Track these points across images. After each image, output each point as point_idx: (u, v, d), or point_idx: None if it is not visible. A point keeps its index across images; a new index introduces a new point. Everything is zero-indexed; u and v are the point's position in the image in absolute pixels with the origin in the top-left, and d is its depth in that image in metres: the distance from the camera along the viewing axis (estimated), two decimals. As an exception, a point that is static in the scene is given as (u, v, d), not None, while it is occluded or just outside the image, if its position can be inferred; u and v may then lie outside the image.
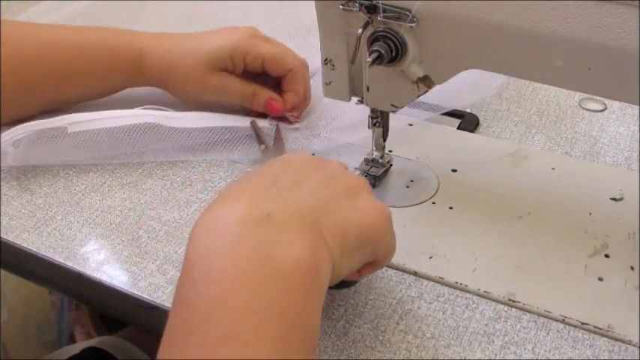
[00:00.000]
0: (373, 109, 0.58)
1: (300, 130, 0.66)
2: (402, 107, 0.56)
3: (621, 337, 0.47)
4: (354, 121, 0.66)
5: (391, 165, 0.62)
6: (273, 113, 0.65)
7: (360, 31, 0.50)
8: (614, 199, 0.59)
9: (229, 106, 0.67)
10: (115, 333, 0.83)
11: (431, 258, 0.53)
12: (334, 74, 0.56)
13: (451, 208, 0.58)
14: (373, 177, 0.61)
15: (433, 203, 0.59)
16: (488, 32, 0.47)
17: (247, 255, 0.36)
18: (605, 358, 0.46)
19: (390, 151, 0.63)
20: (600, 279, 0.51)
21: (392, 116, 0.59)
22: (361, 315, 0.49)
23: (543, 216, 0.57)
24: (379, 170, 0.61)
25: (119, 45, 0.65)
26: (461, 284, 0.51)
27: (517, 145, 0.66)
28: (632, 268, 0.52)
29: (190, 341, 0.34)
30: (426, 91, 0.54)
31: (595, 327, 0.48)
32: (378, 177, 0.61)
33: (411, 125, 0.68)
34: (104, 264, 0.54)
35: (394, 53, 0.50)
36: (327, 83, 0.57)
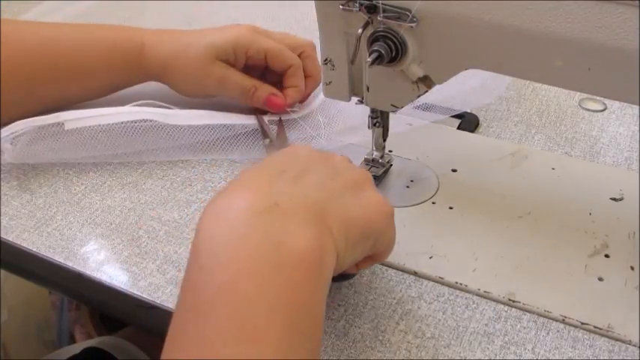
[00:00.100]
0: (373, 109, 0.58)
1: (300, 131, 0.66)
2: (402, 107, 0.56)
3: (621, 337, 0.47)
4: (354, 122, 0.66)
5: (391, 165, 0.62)
6: (273, 109, 0.65)
7: (360, 31, 0.50)
8: (614, 199, 0.59)
9: (230, 104, 0.67)
10: (115, 333, 0.83)
11: (431, 258, 0.53)
12: (334, 74, 0.56)
13: (451, 208, 0.58)
14: (373, 177, 0.61)
15: (433, 203, 0.59)
16: (488, 32, 0.47)
17: (257, 243, 0.36)
18: (605, 358, 0.46)
19: (390, 151, 0.63)
20: (600, 279, 0.51)
21: (392, 116, 0.59)
22: (361, 315, 0.49)
23: (543, 216, 0.57)
24: (379, 170, 0.61)
25: (120, 39, 0.65)
26: (461, 284, 0.51)
27: (517, 145, 0.66)
28: (632, 268, 0.52)
29: (200, 326, 0.34)
30: (426, 91, 0.54)
31: (595, 327, 0.48)
32: (378, 177, 0.61)
33: (411, 125, 0.68)
34: (104, 264, 0.54)
35: (394, 53, 0.50)
36: (327, 83, 0.57)
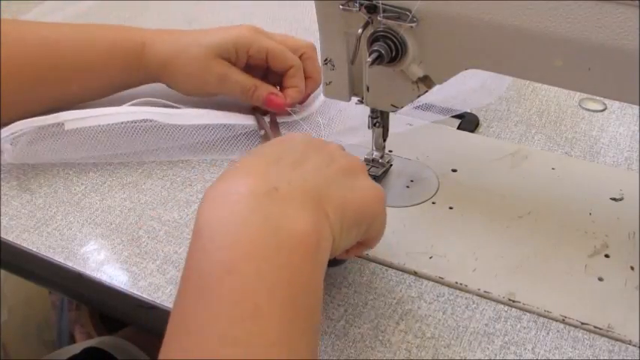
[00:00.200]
0: (373, 109, 0.58)
1: (299, 131, 0.66)
2: (402, 107, 0.56)
3: (621, 337, 0.47)
4: (354, 123, 0.66)
5: (391, 165, 0.62)
6: (273, 108, 0.66)
7: (360, 31, 0.50)
8: (614, 199, 0.59)
9: (230, 102, 0.67)
10: (115, 333, 0.83)
11: (431, 258, 0.53)
12: (334, 74, 0.56)
13: (451, 208, 0.58)
14: (373, 177, 0.61)
15: (433, 203, 0.59)
16: (488, 32, 0.47)
17: (257, 226, 0.37)
18: (605, 358, 0.46)
19: (390, 151, 0.63)
20: (600, 279, 0.51)
21: (392, 116, 0.59)
22: (361, 315, 0.49)
23: (543, 216, 0.57)
24: (379, 170, 0.61)
25: (120, 38, 0.65)
26: (461, 284, 0.51)
27: (517, 145, 0.66)
28: (632, 268, 0.52)
29: (203, 305, 0.35)
30: (426, 91, 0.54)
31: (595, 327, 0.48)
32: (378, 177, 0.61)
33: (411, 125, 0.68)
34: (104, 264, 0.54)
35: (394, 53, 0.50)
36: (327, 83, 0.57)
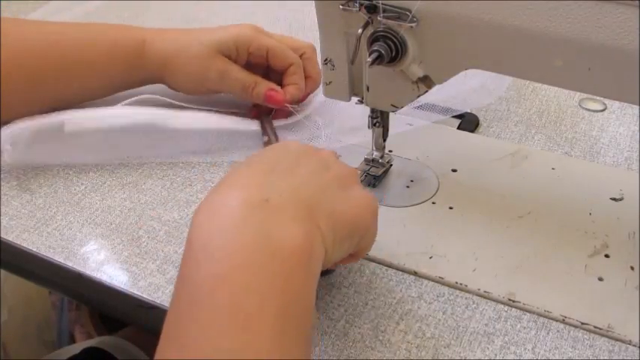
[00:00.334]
0: (373, 109, 0.58)
1: (300, 132, 0.66)
2: (402, 107, 0.56)
3: (621, 337, 0.47)
4: (354, 122, 0.66)
5: (391, 165, 0.62)
6: (273, 104, 0.65)
7: (360, 31, 0.50)
8: (614, 199, 0.59)
9: (231, 103, 0.67)
10: (115, 333, 0.83)
11: (431, 258, 0.53)
12: (334, 74, 0.56)
13: (451, 208, 0.58)
14: (373, 177, 0.61)
15: (433, 203, 0.59)
16: (488, 32, 0.47)
17: (249, 237, 0.38)
18: (605, 358, 0.46)
19: (390, 151, 0.63)
20: (600, 279, 0.51)
21: (392, 116, 0.59)
22: (361, 315, 0.49)
23: (543, 216, 0.57)
24: (379, 170, 0.61)
25: (121, 37, 0.65)
26: (461, 284, 0.51)
27: (517, 145, 0.66)
28: (632, 268, 0.52)
29: (195, 316, 0.36)
30: (426, 91, 0.54)
31: (595, 327, 0.48)
32: (378, 177, 0.61)
33: (411, 125, 0.68)
34: (104, 264, 0.54)
35: (394, 53, 0.50)
36: (327, 83, 0.57)
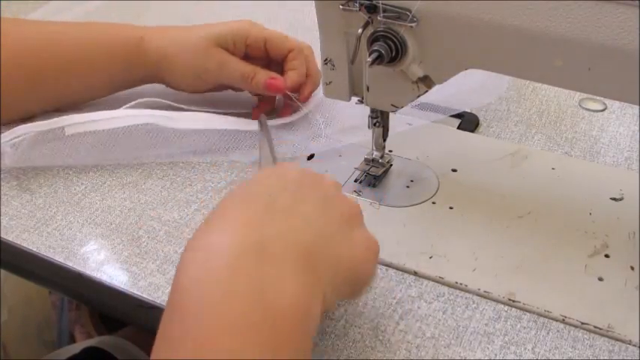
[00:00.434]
0: (373, 109, 0.58)
1: (300, 131, 0.66)
2: (402, 107, 0.56)
3: (621, 337, 0.47)
4: (354, 122, 0.66)
5: (391, 165, 0.62)
6: (274, 92, 0.65)
7: (360, 31, 0.50)
8: (614, 199, 0.59)
9: (231, 101, 0.66)
10: (115, 333, 0.83)
11: (431, 258, 0.53)
12: (334, 74, 0.56)
13: (451, 208, 0.58)
14: (373, 177, 0.61)
15: (433, 203, 0.59)
16: (488, 32, 0.47)
17: (241, 288, 0.34)
18: (605, 358, 0.46)
19: (390, 151, 0.63)
20: (600, 279, 0.51)
21: (392, 116, 0.59)
22: (361, 315, 0.49)
23: (543, 216, 0.57)
24: (379, 170, 0.61)
25: (119, 35, 0.65)
26: (461, 284, 0.51)
27: (517, 145, 0.66)
28: (632, 268, 0.52)
29: None
30: (426, 91, 0.54)
31: (595, 327, 0.48)
32: (378, 177, 0.61)
33: (411, 125, 0.68)
34: (104, 264, 0.54)
35: (394, 53, 0.50)
36: (327, 83, 0.57)
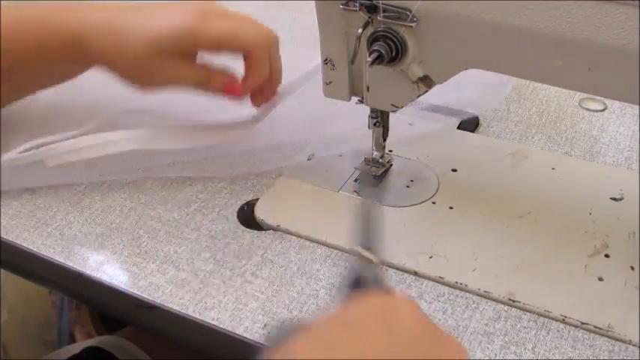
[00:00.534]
0: (373, 109, 0.58)
1: (300, 132, 0.66)
2: (402, 107, 0.56)
3: (621, 337, 0.47)
4: (354, 122, 0.66)
5: (391, 165, 0.62)
6: (233, 98, 0.59)
7: (360, 31, 0.50)
8: (614, 199, 0.59)
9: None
10: (115, 333, 0.83)
11: (431, 258, 0.53)
12: (334, 74, 0.56)
13: (451, 208, 0.58)
14: (373, 177, 0.61)
15: (433, 203, 0.59)
16: (488, 32, 0.47)
17: None
18: (605, 358, 0.46)
19: (390, 151, 0.63)
20: (600, 279, 0.51)
21: (392, 116, 0.59)
22: (361, 315, 0.49)
23: (543, 216, 0.57)
24: (379, 170, 0.61)
25: (58, 31, 0.57)
26: (461, 284, 0.51)
27: (517, 145, 0.66)
28: (632, 268, 0.52)
29: None
30: (426, 91, 0.54)
31: (595, 327, 0.48)
32: (378, 177, 0.61)
33: (411, 125, 0.68)
34: (104, 264, 0.54)
35: (394, 53, 0.50)
36: (327, 83, 0.57)
